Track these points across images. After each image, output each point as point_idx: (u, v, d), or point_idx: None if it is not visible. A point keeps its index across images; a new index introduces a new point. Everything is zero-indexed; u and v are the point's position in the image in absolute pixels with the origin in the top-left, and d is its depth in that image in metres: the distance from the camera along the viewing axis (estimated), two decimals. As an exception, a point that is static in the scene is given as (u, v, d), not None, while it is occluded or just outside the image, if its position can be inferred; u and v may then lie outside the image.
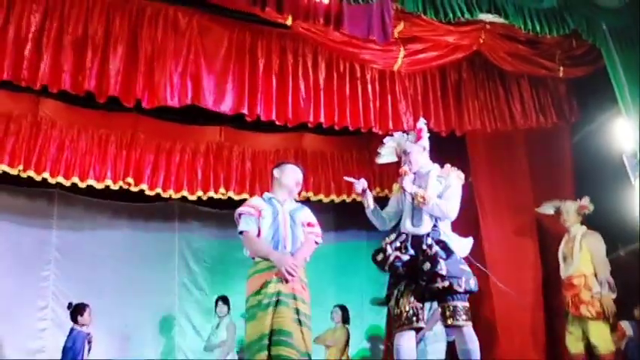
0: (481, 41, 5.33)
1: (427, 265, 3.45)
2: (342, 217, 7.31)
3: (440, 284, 3.44)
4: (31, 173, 5.74)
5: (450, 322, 3.51)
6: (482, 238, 5.82)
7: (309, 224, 3.77)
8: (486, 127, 5.78)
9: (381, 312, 6.64)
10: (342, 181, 6.77)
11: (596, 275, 5.14)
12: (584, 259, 5.18)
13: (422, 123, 3.93)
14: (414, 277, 3.53)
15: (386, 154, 3.97)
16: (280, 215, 3.68)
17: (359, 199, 4.00)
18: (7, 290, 6.33)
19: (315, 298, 3.88)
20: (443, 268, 3.43)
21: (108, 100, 4.82)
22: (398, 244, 3.61)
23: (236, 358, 6.42)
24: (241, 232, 3.68)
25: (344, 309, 6.83)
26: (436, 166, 3.84)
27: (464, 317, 3.49)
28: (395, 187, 4.01)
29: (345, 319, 6.78)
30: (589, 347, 5.07)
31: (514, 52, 5.52)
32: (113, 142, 6.11)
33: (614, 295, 5.07)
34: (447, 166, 3.83)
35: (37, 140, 5.78)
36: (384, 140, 4.01)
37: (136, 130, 6.23)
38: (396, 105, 5.44)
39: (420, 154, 3.83)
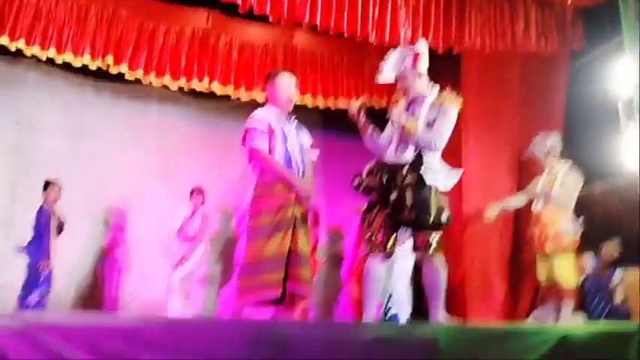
0: (491, -46, 5.02)
1: (394, 196, 3.41)
2: (330, 119, 7.16)
3: (407, 215, 3.41)
4: (5, 40, 5.46)
5: (418, 252, 3.53)
6: (461, 162, 5.78)
7: (310, 147, 3.81)
8: (486, 46, 5.58)
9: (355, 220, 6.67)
10: (330, 83, 6.60)
11: (564, 213, 5.14)
12: (557, 195, 5.15)
13: (420, 47, 3.67)
14: (386, 205, 3.50)
15: (386, 73, 3.71)
16: (289, 137, 3.64)
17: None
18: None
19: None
20: (408, 199, 3.38)
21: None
22: (374, 170, 3.55)
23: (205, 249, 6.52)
24: (251, 150, 3.58)
25: (314, 211, 6.87)
26: (434, 91, 3.63)
27: (433, 247, 3.48)
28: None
29: (315, 222, 6.83)
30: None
31: (525, -32, 5.23)
32: (93, 16, 5.78)
33: (579, 233, 5.12)
34: (446, 91, 3.62)
35: (12, 6, 5.44)
36: (386, 57, 3.73)
37: (118, 5, 5.89)
38: (395, 14, 5.17)
39: (415, 81, 3.61)
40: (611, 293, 5.16)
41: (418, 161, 3.50)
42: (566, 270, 5.04)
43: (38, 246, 5.65)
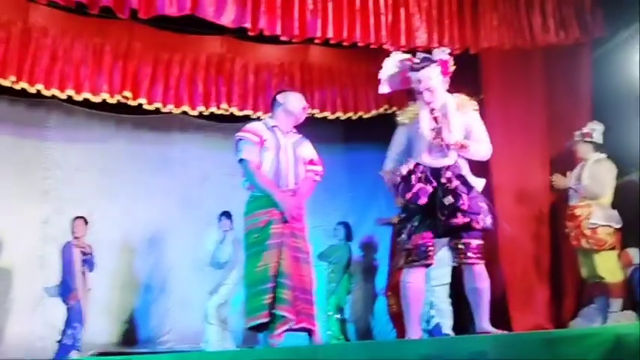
0: (503, -53, 4.92)
1: (449, 199, 3.26)
2: (353, 131, 7.10)
3: (460, 220, 3.27)
4: (25, 85, 5.51)
5: (462, 259, 3.38)
6: (489, 161, 5.62)
7: (310, 161, 3.66)
8: (504, 43, 5.45)
9: (386, 232, 6.55)
10: (349, 97, 6.53)
11: (598, 206, 4.95)
12: (588, 187, 4.99)
13: (446, 54, 3.49)
14: (431, 212, 3.33)
15: (388, 82, 3.59)
16: (283, 149, 3.54)
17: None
18: (6, 206, 6.31)
19: (318, 212, 3.77)
20: (465, 202, 3.25)
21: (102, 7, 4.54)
22: (419, 174, 3.35)
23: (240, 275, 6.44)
24: (241, 161, 3.53)
25: (347, 226, 6.80)
26: (449, 96, 3.47)
27: (477, 255, 3.35)
28: (403, 117, 3.59)
29: (348, 237, 6.76)
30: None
31: (539, -40, 5.11)
32: (108, 52, 5.81)
33: (617, 226, 4.94)
34: (461, 96, 3.49)
35: (29, 49, 5.49)
36: (385, 64, 3.59)
37: (132, 39, 5.91)
38: (409, 19, 5.09)
39: (442, 89, 3.45)
40: (660, 286, 4.94)
41: (457, 165, 3.39)
42: (609, 265, 4.88)
43: (66, 283, 5.70)
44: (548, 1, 5.56)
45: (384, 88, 3.62)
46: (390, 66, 3.61)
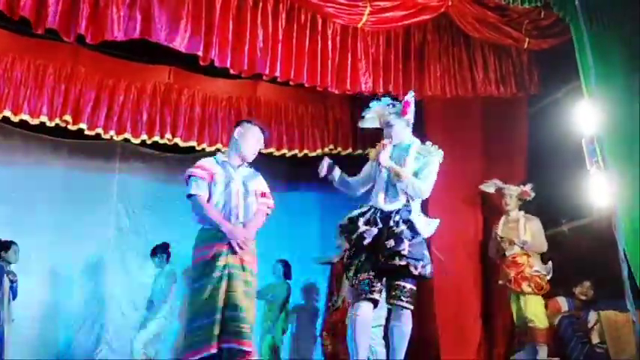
0: (450, 3, 5.13)
1: (391, 243, 3.39)
2: (295, 168, 7.12)
3: (398, 262, 3.38)
4: (-43, 103, 5.31)
5: (394, 301, 3.47)
6: (427, 206, 5.74)
7: (262, 194, 3.70)
8: (446, 92, 5.65)
9: (325, 271, 6.54)
10: (296, 134, 6.58)
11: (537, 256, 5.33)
12: (535, 244, 5.35)
13: (410, 97, 3.76)
14: (376, 252, 3.45)
15: (369, 119, 3.82)
16: (233, 182, 3.58)
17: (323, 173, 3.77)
18: None
19: (258, 250, 3.78)
20: (405, 248, 3.38)
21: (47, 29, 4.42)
22: (368, 217, 3.53)
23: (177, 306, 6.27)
24: (190, 196, 3.55)
25: (286, 264, 6.73)
26: (417, 141, 3.74)
27: (409, 300, 3.47)
28: (372, 152, 3.85)
29: (287, 275, 6.69)
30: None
31: (482, 18, 5.35)
32: (51, 75, 5.67)
33: (549, 276, 5.24)
34: (428, 143, 3.76)
35: (-35, 66, 5.31)
36: (371, 104, 3.84)
37: (77, 62, 5.79)
38: (355, 64, 5.21)
39: (403, 129, 3.71)
40: (587, 334, 5.12)
41: (407, 209, 3.53)
42: (537, 309, 5.15)
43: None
44: (489, 56, 5.82)
45: (366, 123, 3.84)
46: (375, 107, 3.84)
